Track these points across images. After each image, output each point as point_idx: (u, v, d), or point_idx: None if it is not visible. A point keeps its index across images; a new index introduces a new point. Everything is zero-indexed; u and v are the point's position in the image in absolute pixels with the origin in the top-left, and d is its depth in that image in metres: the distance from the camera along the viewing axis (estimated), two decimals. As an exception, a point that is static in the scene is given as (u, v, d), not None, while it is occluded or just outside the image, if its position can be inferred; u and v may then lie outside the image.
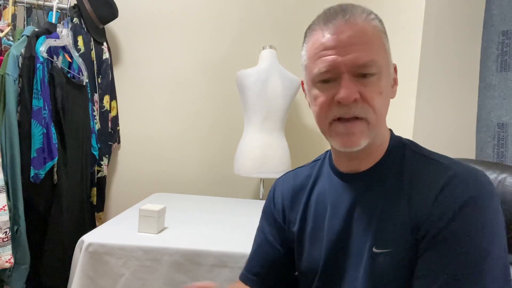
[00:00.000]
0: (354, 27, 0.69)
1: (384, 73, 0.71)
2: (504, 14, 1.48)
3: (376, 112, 0.70)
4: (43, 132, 1.72)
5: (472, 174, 0.68)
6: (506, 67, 1.47)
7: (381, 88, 0.70)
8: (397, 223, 0.69)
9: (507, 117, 1.46)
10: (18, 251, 1.69)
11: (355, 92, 0.68)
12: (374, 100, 0.69)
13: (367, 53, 0.68)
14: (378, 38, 0.71)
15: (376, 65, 0.69)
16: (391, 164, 0.75)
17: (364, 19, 0.71)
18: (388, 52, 0.74)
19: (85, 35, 2.15)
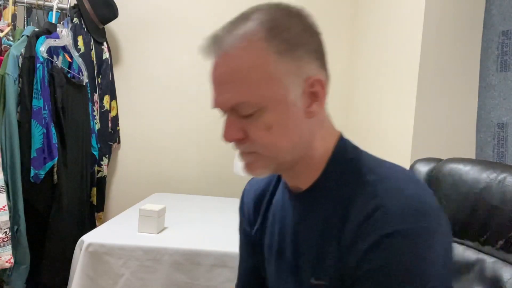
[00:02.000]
0: (226, 62, 0.61)
1: (273, 105, 0.60)
2: (504, 14, 1.48)
3: (267, 147, 0.62)
4: (43, 132, 1.72)
5: (404, 202, 0.57)
6: (506, 67, 1.47)
7: (268, 123, 0.61)
8: (331, 253, 0.62)
9: (507, 117, 1.46)
10: (18, 251, 1.69)
11: (236, 132, 0.62)
12: (261, 138, 0.62)
13: (236, 95, 0.60)
14: (258, 67, 0.60)
15: (249, 106, 0.60)
16: (329, 185, 0.66)
17: (244, 48, 0.60)
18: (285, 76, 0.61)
19: (85, 35, 2.15)
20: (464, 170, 0.88)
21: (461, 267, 0.84)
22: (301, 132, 0.64)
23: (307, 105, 0.64)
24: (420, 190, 0.60)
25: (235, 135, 0.63)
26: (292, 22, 0.62)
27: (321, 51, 0.66)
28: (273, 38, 0.60)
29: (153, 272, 1.35)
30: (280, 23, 0.61)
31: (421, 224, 0.55)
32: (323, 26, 1.74)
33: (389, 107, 1.77)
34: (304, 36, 0.63)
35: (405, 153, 1.57)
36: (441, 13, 1.52)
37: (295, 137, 0.64)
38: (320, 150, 0.67)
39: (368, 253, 0.57)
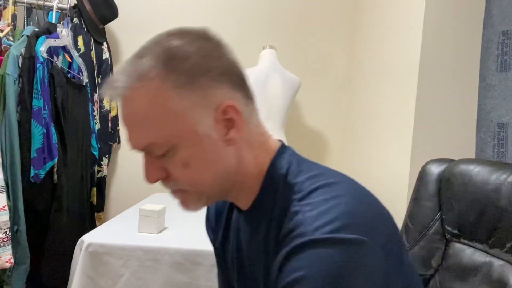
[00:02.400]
0: (126, 105, 0.59)
1: (183, 142, 0.58)
2: (504, 14, 1.48)
3: (191, 184, 0.61)
4: (43, 132, 1.72)
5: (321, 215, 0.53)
6: (506, 67, 1.47)
7: (183, 160, 0.59)
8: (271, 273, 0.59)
9: (507, 117, 1.46)
10: (18, 251, 1.69)
11: (156, 173, 0.61)
12: (182, 176, 0.60)
13: (143, 137, 0.59)
14: (158, 107, 0.57)
15: (158, 146, 0.58)
16: (265, 204, 0.64)
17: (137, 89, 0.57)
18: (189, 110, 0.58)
19: (85, 35, 2.15)
20: (475, 171, 0.87)
21: (469, 269, 0.84)
22: (224, 161, 0.61)
23: (223, 133, 0.60)
24: (349, 201, 0.56)
25: (156, 176, 0.61)
26: (191, 50, 0.58)
27: (231, 72, 0.62)
28: (170, 72, 0.57)
29: (153, 272, 1.35)
30: (177, 55, 0.58)
31: (336, 235, 0.52)
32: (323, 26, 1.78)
33: (389, 107, 1.77)
34: (206, 63, 0.59)
35: (405, 153, 1.57)
36: (441, 13, 1.52)
37: (218, 168, 0.61)
38: (254, 172, 0.65)
39: (283, 266, 0.54)
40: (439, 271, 0.90)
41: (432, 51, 1.52)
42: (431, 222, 0.93)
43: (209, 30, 0.63)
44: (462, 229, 0.87)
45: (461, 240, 0.87)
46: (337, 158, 2.41)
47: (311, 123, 2.47)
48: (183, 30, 0.61)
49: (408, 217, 0.98)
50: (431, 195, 0.94)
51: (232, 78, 0.62)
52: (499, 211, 0.80)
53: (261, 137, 0.67)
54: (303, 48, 2.42)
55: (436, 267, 0.91)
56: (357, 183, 0.63)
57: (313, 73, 2.42)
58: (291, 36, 2.43)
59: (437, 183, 0.94)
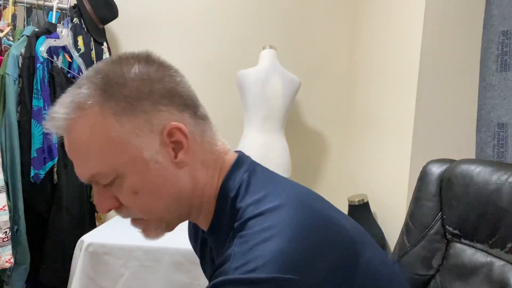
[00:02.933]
0: (67, 137, 0.58)
1: (129, 170, 0.57)
2: (504, 14, 1.48)
3: (145, 211, 0.60)
4: (43, 132, 1.72)
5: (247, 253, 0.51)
6: (506, 67, 1.47)
7: (132, 187, 0.57)
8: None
9: (507, 117, 1.46)
10: (18, 251, 1.69)
11: (108, 202, 0.59)
12: (133, 203, 0.59)
13: (87, 168, 0.57)
14: (98, 135, 0.56)
15: (104, 176, 0.57)
16: (220, 227, 0.62)
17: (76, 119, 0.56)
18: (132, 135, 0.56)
19: (85, 35, 2.15)
20: (476, 171, 0.87)
21: (469, 270, 0.84)
22: (177, 184, 0.60)
23: (172, 156, 0.59)
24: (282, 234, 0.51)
25: (107, 206, 0.60)
26: (130, 75, 0.57)
27: (176, 93, 0.61)
28: (108, 100, 0.56)
29: (153, 272, 1.35)
30: (115, 81, 0.56)
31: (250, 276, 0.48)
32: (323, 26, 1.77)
33: (389, 107, 1.77)
34: (147, 86, 0.57)
35: (405, 153, 1.57)
36: (441, 13, 1.52)
37: (170, 192, 0.59)
38: (210, 192, 0.63)
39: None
40: (440, 271, 0.90)
41: (432, 51, 1.52)
42: (432, 222, 0.93)
43: (152, 53, 0.62)
44: (463, 229, 0.87)
45: (462, 240, 0.87)
46: (337, 158, 2.41)
47: (311, 123, 2.47)
48: (123, 56, 0.60)
49: (409, 217, 0.98)
50: (432, 195, 0.94)
51: (177, 99, 0.60)
52: (500, 212, 0.80)
53: (216, 155, 0.65)
54: (303, 48, 2.42)
55: (437, 267, 0.91)
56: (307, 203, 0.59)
57: (313, 73, 2.42)
58: (291, 36, 2.43)
59: (438, 183, 0.93)
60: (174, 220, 0.64)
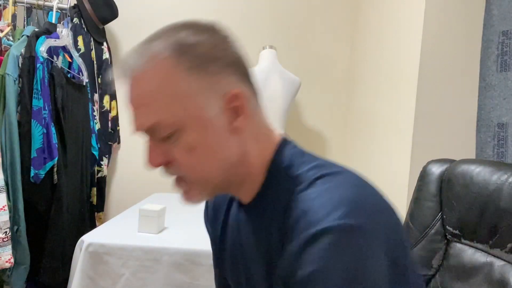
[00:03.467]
0: (135, 85, 0.59)
1: (190, 125, 0.59)
2: (504, 14, 1.48)
3: (195, 170, 0.61)
4: (43, 132, 1.72)
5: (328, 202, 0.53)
6: (506, 67, 1.47)
7: (189, 143, 0.59)
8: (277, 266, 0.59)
9: (507, 117, 1.46)
10: (18, 251, 1.69)
11: (159, 157, 0.60)
12: (185, 161, 0.60)
13: (149, 117, 0.58)
14: (167, 87, 0.58)
15: (164, 127, 0.58)
16: (269, 197, 0.64)
17: (148, 69, 0.58)
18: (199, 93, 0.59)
19: (85, 35, 2.15)
20: (476, 171, 0.87)
21: (469, 269, 0.84)
22: (228, 150, 0.61)
23: (229, 121, 0.60)
24: (354, 189, 0.56)
25: (159, 160, 0.61)
26: (201, 38, 0.60)
27: (239, 64, 0.63)
28: (182, 55, 0.58)
29: (153, 272, 1.35)
30: (188, 41, 0.59)
31: (345, 222, 0.51)
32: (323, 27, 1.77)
33: (389, 107, 1.77)
34: (216, 51, 0.60)
35: (405, 153, 1.57)
36: (441, 13, 1.52)
37: (222, 156, 0.61)
38: (257, 164, 0.65)
39: (295, 260, 0.53)
40: (440, 271, 0.90)
41: (432, 51, 1.52)
42: (432, 222, 0.93)
43: (218, 24, 0.64)
44: (463, 229, 0.87)
45: (462, 240, 0.87)
46: (337, 158, 2.41)
47: (311, 123, 2.47)
48: (192, 22, 0.63)
49: (409, 217, 0.98)
50: (432, 195, 0.94)
51: (240, 70, 0.63)
52: (500, 212, 0.80)
53: (266, 130, 0.67)
54: (303, 48, 2.42)
55: (437, 267, 0.91)
56: (359, 174, 0.63)
57: (313, 73, 2.42)
58: (291, 36, 2.43)
59: (438, 183, 0.94)
60: (217, 186, 0.64)
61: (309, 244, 0.52)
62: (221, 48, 0.61)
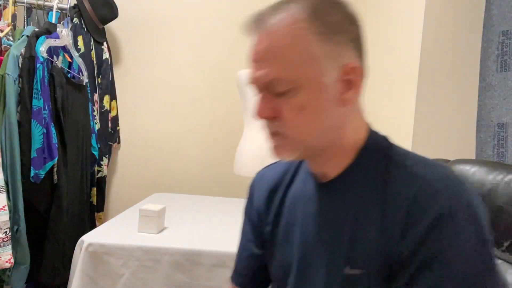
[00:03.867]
0: (267, 39, 0.63)
1: (308, 86, 0.62)
2: (504, 14, 1.48)
3: (297, 129, 0.64)
4: (43, 132, 1.72)
5: (445, 183, 0.59)
6: (506, 67, 1.47)
7: (301, 103, 0.62)
8: (370, 240, 0.62)
9: (507, 117, 1.46)
10: (18, 251, 1.69)
11: (268, 110, 0.64)
12: (292, 118, 0.63)
13: (274, 70, 0.62)
14: (297, 46, 0.62)
15: (284, 82, 0.62)
16: (363, 172, 0.67)
17: (286, 26, 0.62)
18: (323, 58, 0.62)
19: (85, 35, 2.15)
20: (471, 171, 0.88)
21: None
22: (332, 118, 0.65)
23: (341, 92, 0.64)
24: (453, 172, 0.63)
25: (267, 112, 0.64)
26: (333, 9, 0.64)
27: (360, 41, 0.67)
28: (315, 20, 0.62)
29: (153, 272, 1.35)
30: (322, 8, 0.63)
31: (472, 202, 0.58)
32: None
33: (389, 107, 1.77)
34: (344, 24, 0.64)
35: (405, 153, 1.57)
36: (441, 13, 1.52)
37: (325, 122, 0.65)
38: (351, 139, 0.68)
39: (423, 239, 0.57)
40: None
41: (432, 51, 1.52)
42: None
43: (348, 4, 0.67)
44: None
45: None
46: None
47: (311, 123, 2.47)
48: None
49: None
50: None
51: (359, 47, 0.67)
52: (496, 211, 0.80)
53: (362, 112, 0.71)
54: (303, 48, 2.42)
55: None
56: None
57: (313, 73, 2.42)
58: (291, 36, 2.43)
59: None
60: (310, 150, 0.67)
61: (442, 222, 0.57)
62: (349, 22, 0.65)
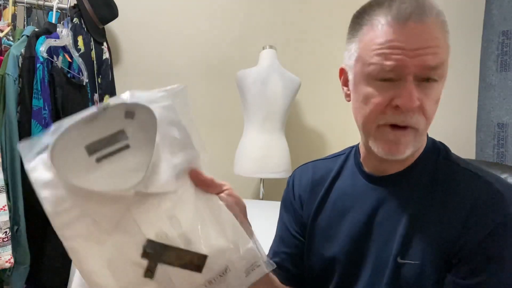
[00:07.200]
0: (426, 28, 0.65)
1: (445, 78, 0.68)
2: (504, 14, 1.48)
3: (427, 121, 0.67)
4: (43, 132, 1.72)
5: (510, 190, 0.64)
6: (506, 67, 1.47)
7: (438, 95, 0.67)
8: (426, 234, 0.66)
9: (507, 117, 1.46)
10: (18, 251, 1.69)
11: (416, 100, 0.64)
12: (431, 109, 0.66)
13: (436, 56, 0.65)
14: (446, 38, 0.68)
15: (442, 68, 0.66)
16: (422, 170, 0.71)
17: (435, 17, 0.67)
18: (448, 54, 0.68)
19: (85, 35, 2.15)
20: None
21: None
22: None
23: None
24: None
25: (417, 103, 0.64)
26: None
27: None
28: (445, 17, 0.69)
29: (153, 272, 1.35)
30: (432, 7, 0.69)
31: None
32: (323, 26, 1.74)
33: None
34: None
35: (405, 153, 1.57)
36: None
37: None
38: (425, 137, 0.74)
39: (485, 240, 0.61)
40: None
41: (432, 51, 1.52)
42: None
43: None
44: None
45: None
46: (337, 158, 2.41)
47: (311, 123, 2.47)
48: None
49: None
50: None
51: None
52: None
53: None
54: (303, 48, 2.42)
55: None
56: None
57: (313, 73, 2.42)
58: (291, 36, 2.43)
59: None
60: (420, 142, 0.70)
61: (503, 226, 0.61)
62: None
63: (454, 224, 0.64)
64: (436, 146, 0.75)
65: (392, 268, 0.68)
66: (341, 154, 0.87)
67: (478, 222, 0.62)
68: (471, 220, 0.63)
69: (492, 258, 0.61)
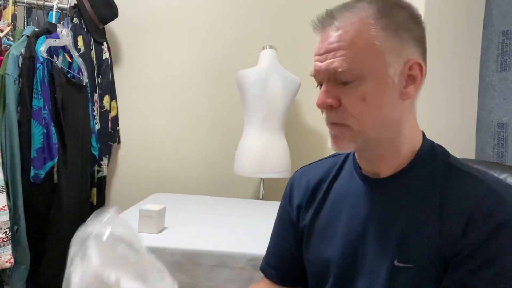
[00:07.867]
0: (336, 33, 0.67)
1: (372, 77, 0.66)
2: (504, 14, 1.48)
3: (358, 119, 0.67)
4: (43, 132, 1.72)
5: (510, 191, 0.65)
6: (506, 67, 1.47)
7: (364, 93, 0.66)
8: (423, 237, 0.66)
9: (507, 117, 1.46)
10: (18, 251, 1.69)
11: (329, 99, 0.67)
12: (354, 108, 0.67)
13: (342, 61, 0.65)
14: (365, 39, 0.66)
15: (350, 73, 0.65)
16: (419, 173, 0.71)
17: (354, 22, 0.66)
18: (388, 52, 0.66)
19: (85, 35, 2.15)
20: None
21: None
22: (392, 111, 0.68)
23: (403, 85, 0.68)
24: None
25: (328, 101, 0.67)
26: (399, 9, 0.69)
27: (423, 41, 0.71)
28: (381, 17, 0.66)
29: (153, 272, 1.35)
30: (388, 7, 0.68)
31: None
32: None
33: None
34: (410, 23, 0.68)
35: (405, 153, 1.57)
36: (441, 13, 1.52)
37: (386, 113, 0.68)
38: (408, 138, 0.71)
39: (485, 241, 0.61)
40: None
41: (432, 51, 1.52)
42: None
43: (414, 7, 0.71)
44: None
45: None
46: (337, 158, 2.41)
47: (311, 123, 2.47)
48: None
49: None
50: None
51: (422, 46, 0.71)
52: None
53: (415, 114, 0.75)
54: (303, 48, 2.42)
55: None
56: None
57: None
58: (291, 36, 2.43)
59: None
60: (368, 142, 0.70)
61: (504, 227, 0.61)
62: (414, 22, 0.69)
63: (454, 226, 0.64)
64: (435, 149, 0.74)
65: (388, 271, 0.67)
66: (341, 154, 0.86)
67: (479, 223, 0.62)
68: (471, 222, 0.63)
69: (492, 258, 0.61)
